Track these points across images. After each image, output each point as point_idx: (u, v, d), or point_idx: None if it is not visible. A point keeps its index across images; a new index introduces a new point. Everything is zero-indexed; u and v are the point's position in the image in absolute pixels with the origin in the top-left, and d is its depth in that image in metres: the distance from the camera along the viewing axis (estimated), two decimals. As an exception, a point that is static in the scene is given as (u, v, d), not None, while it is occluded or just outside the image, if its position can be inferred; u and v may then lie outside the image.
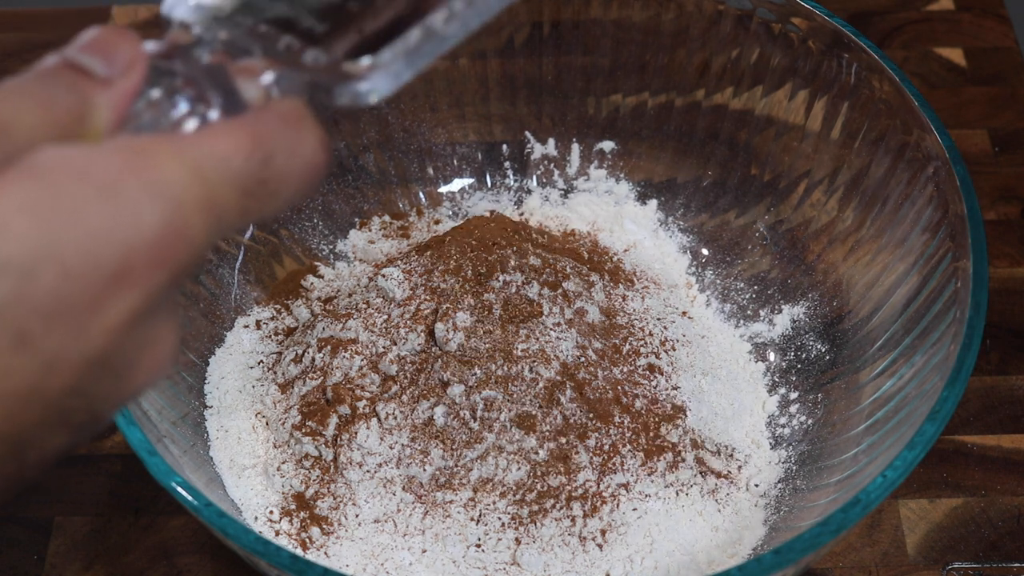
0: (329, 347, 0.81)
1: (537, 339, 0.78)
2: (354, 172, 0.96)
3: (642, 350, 0.81)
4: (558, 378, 0.77)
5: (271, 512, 0.78)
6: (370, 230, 0.95)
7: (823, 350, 0.86)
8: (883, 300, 0.82)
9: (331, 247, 0.94)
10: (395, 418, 0.77)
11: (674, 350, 0.84)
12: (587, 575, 0.75)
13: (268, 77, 0.43)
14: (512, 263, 0.82)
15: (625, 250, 0.93)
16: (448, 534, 0.75)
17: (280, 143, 0.41)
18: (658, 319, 0.85)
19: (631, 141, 0.97)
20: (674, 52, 0.93)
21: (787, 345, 0.88)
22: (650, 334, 0.83)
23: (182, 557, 0.82)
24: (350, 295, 0.89)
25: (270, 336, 0.87)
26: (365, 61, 0.42)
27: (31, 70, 0.40)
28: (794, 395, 0.86)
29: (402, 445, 0.76)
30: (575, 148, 0.98)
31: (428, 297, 0.81)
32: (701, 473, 0.79)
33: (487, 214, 0.93)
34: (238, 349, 0.86)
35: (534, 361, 0.77)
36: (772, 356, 0.88)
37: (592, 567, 0.75)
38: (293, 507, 0.78)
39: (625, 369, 0.79)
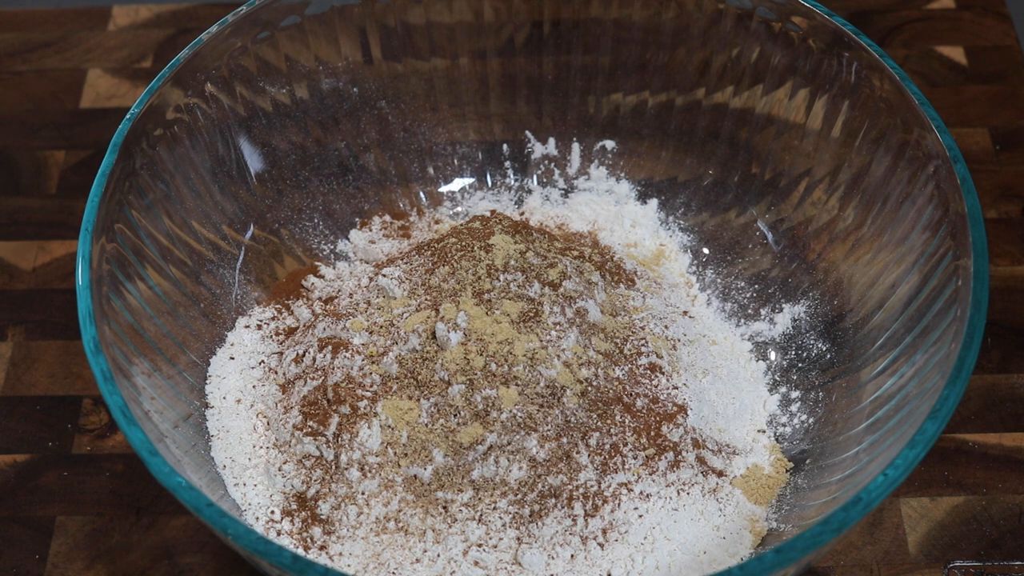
0: (330, 347, 0.81)
1: (538, 338, 0.78)
2: (355, 172, 0.96)
3: (643, 349, 0.81)
4: (559, 377, 0.77)
5: (272, 512, 0.78)
6: (371, 230, 0.95)
7: (824, 349, 0.86)
8: (884, 299, 0.82)
9: (332, 247, 0.94)
10: (396, 418, 0.77)
11: (675, 349, 0.84)
12: (588, 574, 0.75)
13: None
14: (512, 263, 0.82)
15: (626, 249, 0.93)
16: (449, 534, 0.75)
17: None
18: (659, 318, 0.85)
19: (632, 140, 0.97)
20: (674, 51, 0.93)
21: (788, 344, 0.88)
22: (651, 333, 0.83)
23: (183, 557, 0.82)
24: (351, 295, 0.89)
25: (271, 336, 0.87)
26: None
27: None
28: (795, 394, 0.86)
29: (403, 445, 0.77)
30: (575, 147, 0.98)
31: (428, 297, 0.81)
32: (702, 472, 0.79)
33: (488, 214, 0.93)
34: (239, 349, 0.86)
35: (535, 360, 0.77)
36: (773, 355, 0.88)
37: (593, 566, 0.75)
38: (294, 507, 0.78)
39: (626, 368, 0.80)
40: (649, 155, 0.97)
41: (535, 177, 0.99)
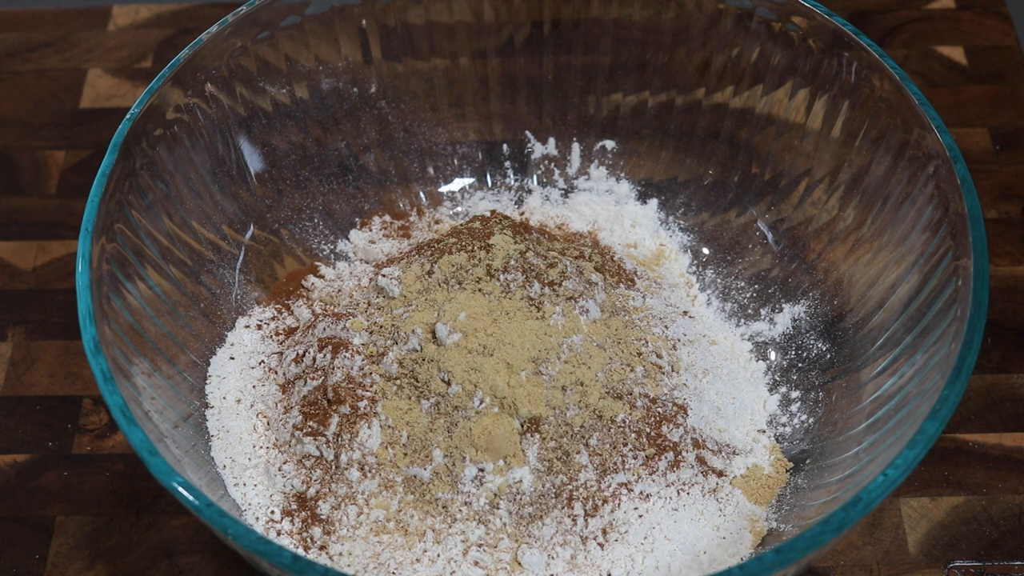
0: (330, 347, 0.81)
1: (538, 339, 0.78)
2: (355, 172, 0.96)
3: (643, 349, 0.81)
4: (559, 377, 0.77)
5: (272, 512, 0.78)
6: (371, 230, 0.95)
7: (824, 349, 0.86)
8: (884, 299, 0.82)
9: (332, 247, 0.94)
10: (396, 418, 0.77)
11: (675, 349, 0.83)
12: (588, 574, 0.75)
13: None
14: (512, 263, 0.82)
15: (626, 249, 0.93)
16: (449, 534, 0.75)
17: None
18: (659, 318, 0.85)
19: (632, 140, 0.97)
20: (674, 51, 0.93)
21: (788, 344, 0.88)
22: (651, 333, 0.83)
23: (183, 557, 0.82)
24: (351, 295, 0.89)
25: (271, 336, 0.87)
26: None
27: None
28: (795, 394, 0.86)
29: (403, 445, 0.77)
30: (575, 147, 0.98)
31: (428, 296, 0.81)
32: (702, 472, 0.79)
33: (488, 214, 0.93)
34: (239, 349, 0.86)
35: (535, 361, 0.77)
36: (773, 355, 0.88)
37: (593, 566, 0.75)
38: (294, 507, 0.78)
39: (626, 368, 0.79)
40: (649, 155, 0.97)
41: (535, 177, 0.99)
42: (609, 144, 0.98)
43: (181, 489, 0.64)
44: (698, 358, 0.85)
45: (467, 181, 0.99)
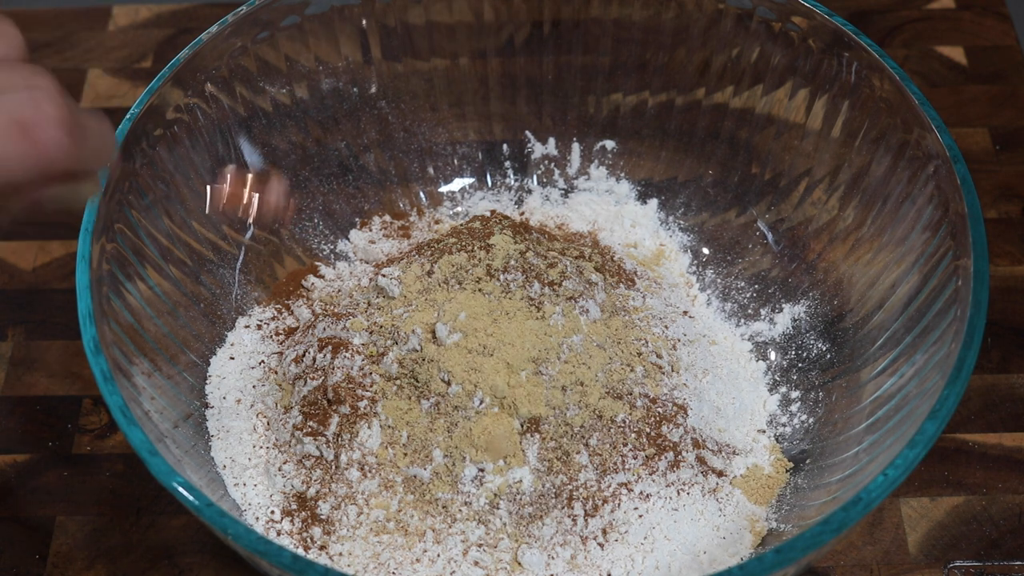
0: (330, 347, 0.81)
1: (538, 339, 0.78)
2: (355, 172, 0.96)
3: (643, 349, 0.81)
4: (559, 377, 0.77)
5: (272, 512, 0.78)
6: (371, 230, 0.95)
7: (824, 349, 0.86)
8: (884, 299, 0.82)
9: (332, 247, 0.94)
10: (396, 418, 0.77)
11: (675, 349, 0.83)
12: (588, 574, 0.75)
13: None
14: (512, 263, 0.82)
15: (626, 249, 0.93)
16: (449, 534, 0.75)
17: None
18: (659, 318, 0.85)
19: (631, 140, 0.97)
20: (674, 51, 0.93)
21: (788, 344, 0.88)
22: (651, 333, 0.83)
23: (183, 557, 0.82)
24: (351, 295, 0.89)
25: (271, 336, 0.87)
26: None
27: None
28: (795, 394, 0.86)
29: (403, 445, 0.77)
30: (575, 147, 0.98)
31: (428, 296, 0.81)
32: (702, 472, 0.79)
33: (488, 214, 0.93)
34: (239, 349, 0.86)
35: (535, 361, 0.77)
36: (773, 355, 0.88)
37: (593, 566, 0.75)
38: (294, 507, 0.78)
39: (626, 368, 0.79)
40: (649, 155, 0.97)
41: (535, 177, 0.99)
42: (609, 144, 0.98)
43: (181, 489, 0.64)
44: (698, 358, 0.85)
45: (467, 181, 0.99)
